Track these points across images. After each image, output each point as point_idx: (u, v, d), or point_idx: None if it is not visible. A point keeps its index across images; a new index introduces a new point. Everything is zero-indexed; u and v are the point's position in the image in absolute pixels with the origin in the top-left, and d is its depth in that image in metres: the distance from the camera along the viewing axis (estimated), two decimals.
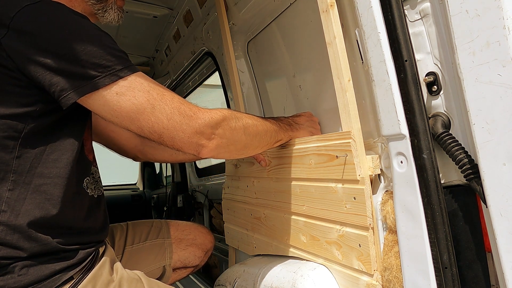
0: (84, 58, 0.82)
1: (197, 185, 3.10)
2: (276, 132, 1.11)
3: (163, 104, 0.87)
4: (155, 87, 0.88)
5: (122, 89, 0.84)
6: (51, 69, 0.81)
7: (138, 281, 1.02)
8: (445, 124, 0.81)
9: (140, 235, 1.42)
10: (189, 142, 0.90)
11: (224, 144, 0.95)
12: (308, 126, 1.23)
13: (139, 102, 0.85)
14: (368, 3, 0.86)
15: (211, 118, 0.92)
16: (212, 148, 0.93)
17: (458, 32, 0.70)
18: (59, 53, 0.81)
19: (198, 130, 0.89)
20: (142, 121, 0.86)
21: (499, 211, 0.68)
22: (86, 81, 0.82)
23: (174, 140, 0.89)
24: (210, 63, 2.41)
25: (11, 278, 0.83)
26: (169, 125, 0.87)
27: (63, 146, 0.91)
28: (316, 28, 1.27)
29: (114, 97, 0.84)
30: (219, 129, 0.93)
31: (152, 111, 0.86)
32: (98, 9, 1.07)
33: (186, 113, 0.89)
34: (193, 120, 0.89)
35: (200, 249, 1.53)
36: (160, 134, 0.88)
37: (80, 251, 0.93)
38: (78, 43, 0.82)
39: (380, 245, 0.95)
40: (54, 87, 0.82)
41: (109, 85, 0.83)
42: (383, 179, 0.99)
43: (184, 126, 0.88)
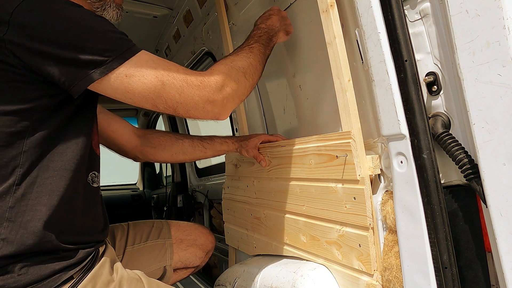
0: (89, 45, 0.83)
1: (197, 185, 3.10)
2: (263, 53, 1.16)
3: (171, 78, 0.89)
4: (161, 63, 0.90)
5: (130, 70, 0.86)
6: (58, 60, 0.81)
7: (138, 281, 1.02)
8: (445, 124, 0.81)
9: (141, 235, 1.42)
10: (204, 111, 0.93)
11: (235, 99, 1.00)
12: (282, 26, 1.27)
13: (148, 81, 0.87)
14: (368, 3, 0.86)
15: (217, 82, 0.94)
16: (227, 109, 0.98)
17: (458, 32, 0.70)
18: (64, 43, 0.81)
19: (209, 99, 0.92)
20: (156, 99, 0.89)
21: (499, 211, 0.68)
22: (96, 67, 0.83)
23: (189, 112, 0.92)
24: (210, 63, 2.41)
25: (11, 278, 0.83)
26: (181, 99, 0.90)
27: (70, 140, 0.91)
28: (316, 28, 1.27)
29: (124, 79, 0.85)
30: (227, 89, 0.96)
31: (162, 87, 0.88)
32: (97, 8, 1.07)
33: (194, 84, 0.91)
34: (202, 89, 0.91)
35: (201, 249, 1.53)
36: (175, 108, 0.91)
37: (80, 251, 0.93)
38: (80, 31, 0.83)
39: (380, 245, 0.95)
40: (65, 77, 0.82)
41: (118, 68, 0.84)
42: (383, 179, 0.99)
43: (196, 98, 0.91)
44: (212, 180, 2.83)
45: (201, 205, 3.01)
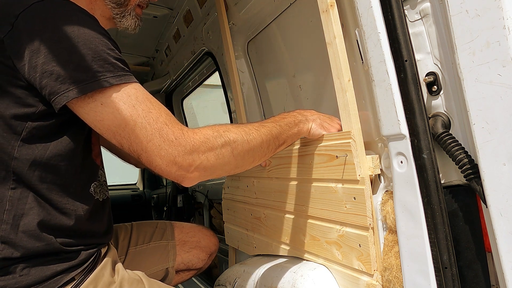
0: (74, 61, 0.78)
1: (197, 185, 3.09)
2: (276, 137, 1.00)
3: (145, 122, 0.81)
4: (144, 102, 0.82)
5: (107, 99, 0.80)
6: (41, 71, 0.78)
7: (139, 282, 1.02)
8: (445, 124, 0.81)
9: (144, 236, 1.42)
10: (167, 171, 0.83)
11: (208, 172, 0.87)
12: (319, 119, 1.09)
13: (121, 116, 0.80)
14: (368, 3, 0.86)
15: (193, 144, 0.83)
16: (194, 178, 0.86)
17: (458, 32, 0.70)
18: (49, 54, 0.78)
19: (175, 159, 0.82)
20: (122, 137, 0.82)
21: (499, 211, 0.68)
22: (72, 86, 0.78)
23: (151, 164, 0.83)
24: (210, 63, 2.41)
25: (13, 279, 0.83)
26: (147, 147, 0.81)
27: (65, 151, 0.88)
28: (316, 28, 1.27)
29: (98, 107, 0.80)
30: (200, 158, 0.84)
31: (133, 128, 0.80)
32: (117, 14, 1.06)
33: (167, 137, 0.82)
34: (173, 146, 0.82)
35: (204, 251, 1.52)
36: (138, 155, 0.83)
37: (82, 252, 0.93)
38: (70, 44, 0.79)
39: (380, 245, 0.95)
40: (44, 90, 0.79)
41: (95, 92, 0.79)
42: (383, 179, 0.99)
43: (162, 152, 0.81)
44: (212, 180, 2.82)
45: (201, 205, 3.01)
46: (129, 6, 1.08)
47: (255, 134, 0.94)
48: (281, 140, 1.02)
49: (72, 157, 0.90)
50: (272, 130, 0.98)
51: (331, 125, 1.09)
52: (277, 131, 1.00)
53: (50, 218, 0.87)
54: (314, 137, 1.08)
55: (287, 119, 1.05)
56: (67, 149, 0.88)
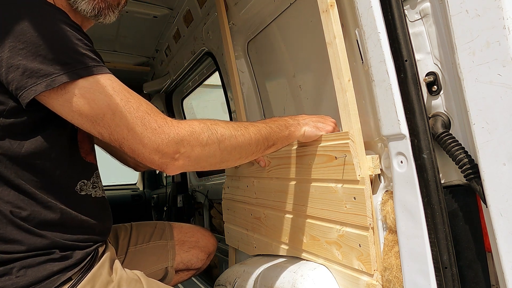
0: (41, 53, 0.75)
1: (197, 185, 3.10)
2: (265, 138, 0.98)
3: (125, 111, 0.79)
4: (121, 92, 0.81)
5: (81, 90, 0.77)
6: (6, 65, 0.75)
7: (137, 282, 1.02)
8: (445, 124, 0.81)
9: (144, 236, 1.42)
10: (150, 158, 0.82)
11: (192, 162, 0.86)
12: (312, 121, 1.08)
13: (98, 106, 0.78)
14: (368, 3, 0.86)
15: (177, 133, 0.82)
16: (178, 166, 0.84)
17: (458, 32, 0.70)
18: (14, 48, 0.74)
19: (159, 147, 0.80)
20: (102, 127, 0.80)
21: (499, 211, 0.68)
22: (42, 79, 0.75)
23: (134, 152, 0.81)
24: (210, 63, 2.41)
25: (9, 280, 0.83)
26: (129, 135, 0.80)
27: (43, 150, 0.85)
28: (316, 28, 1.27)
29: (73, 98, 0.77)
30: (185, 146, 0.83)
31: (112, 117, 0.79)
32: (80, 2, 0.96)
33: (149, 125, 0.80)
34: (156, 134, 0.80)
35: (203, 251, 1.53)
36: (120, 143, 0.81)
37: (78, 251, 0.92)
38: (36, 36, 0.75)
39: (380, 245, 0.95)
40: (11, 86, 0.76)
41: (68, 84, 0.76)
42: (383, 179, 0.99)
43: (145, 140, 0.80)
44: (212, 180, 2.83)
45: (201, 205, 3.01)
46: None
47: (244, 132, 0.93)
48: (271, 141, 1.00)
49: (52, 155, 0.87)
50: (262, 130, 0.97)
51: (325, 123, 1.09)
52: (266, 132, 0.98)
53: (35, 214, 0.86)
54: (310, 139, 1.08)
55: (278, 122, 1.04)
56: (45, 147, 0.85)
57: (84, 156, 1.00)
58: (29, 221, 0.86)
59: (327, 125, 1.09)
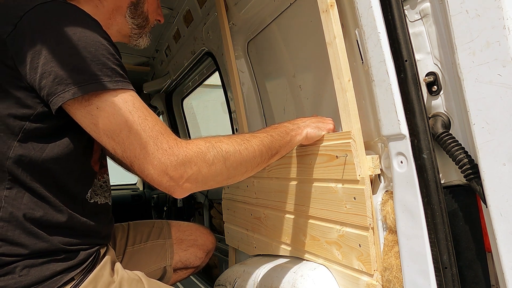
0: (72, 62, 0.79)
1: None
2: (268, 148, 0.98)
3: (141, 129, 0.80)
4: (140, 110, 0.82)
5: (103, 103, 0.79)
6: (40, 72, 0.78)
7: (138, 282, 1.02)
8: (445, 124, 0.81)
9: (142, 235, 1.42)
10: (158, 180, 0.82)
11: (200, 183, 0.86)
12: (312, 123, 1.09)
13: (116, 121, 0.80)
14: (368, 3, 0.86)
15: (186, 155, 0.82)
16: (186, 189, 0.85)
17: (458, 32, 0.70)
18: (49, 55, 0.78)
19: (167, 170, 0.81)
20: (116, 143, 0.81)
21: (499, 211, 0.68)
22: (70, 86, 0.78)
23: (143, 172, 0.82)
24: (210, 63, 2.41)
25: (12, 279, 0.83)
26: (140, 154, 0.80)
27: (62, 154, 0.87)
28: (316, 28, 1.27)
29: (94, 110, 0.80)
30: (192, 168, 0.83)
31: (128, 134, 0.80)
32: (135, 34, 1.11)
33: (162, 146, 0.81)
34: (166, 155, 0.81)
35: (201, 250, 1.53)
36: (131, 162, 0.82)
37: (81, 252, 0.93)
38: (70, 46, 0.79)
39: (380, 245, 0.95)
40: (43, 91, 0.79)
41: (91, 95, 0.79)
42: (383, 179, 0.99)
43: (155, 161, 0.80)
44: None
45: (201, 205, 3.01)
46: (146, 28, 1.15)
47: (247, 145, 0.93)
48: (274, 150, 1.00)
49: (68, 161, 0.89)
50: (264, 141, 0.97)
51: (325, 123, 1.10)
52: (269, 141, 0.99)
53: (47, 217, 0.87)
54: (313, 140, 1.09)
55: (278, 129, 1.04)
56: (64, 153, 0.88)
57: (92, 165, 1.01)
58: (39, 223, 0.86)
59: (327, 124, 1.10)
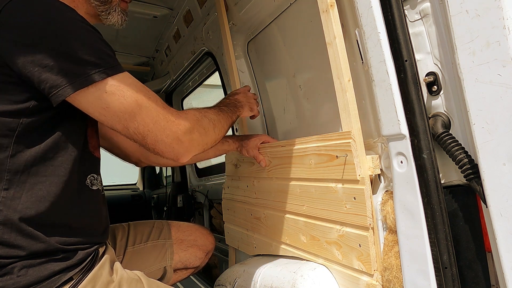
0: (73, 55, 0.80)
1: (197, 185, 3.10)
2: (230, 117, 1.19)
3: (149, 106, 0.88)
4: (142, 88, 0.90)
5: (111, 87, 0.84)
6: (39, 65, 0.78)
7: (138, 282, 1.02)
8: (445, 124, 0.81)
9: (142, 235, 1.42)
10: (171, 148, 0.93)
11: (199, 146, 1.00)
12: (247, 103, 1.35)
13: (127, 102, 0.86)
14: (368, 3, 0.86)
15: (188, 124, 0.95)
16: (190, 153, 0.97)
17: (458, 32, 0.70)
18: (47, 48, 0.78)
19: (178, 137, 0.93)
20: (129, 121, 0.87)
21: (499, 211, 0.68)
22: (76, 78, 0.80)
23: (156, 143, 0.91)
24: (210, 63, 2.41)
25: (10, 279, 0.83)
26: (154, 128, 0.89)
27: (60, 144, 0.89)
28: (316, 28, 1.27)
29: (104, 95, 0.83)
30: (195, 134, 0.97)
31: (139, 112, 0.87)
32: (102, 11, 1.07)
33: (169, 118, 0.92)
34: (175, 125, 0.92)
35: (201, 250, 1.53)
36: (144, 136, 0.90)
37: (79, 252, 0.93)
38: (68, 38, 0.80)
39: (380, 245, 0.95)
40: (44, 84, 0.79)
41: (99, 82, 0.82)
42: (383, 179, 0.99)
43: (167, 131, 0.91)
44: (212, 180, 2.83)
45: (201, 205, 3.01)
46: (113, 2, 1.09)
47: (221, 115, 1.14)
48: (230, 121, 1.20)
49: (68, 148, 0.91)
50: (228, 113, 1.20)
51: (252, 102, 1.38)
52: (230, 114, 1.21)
53: (44, 216, 0.87)
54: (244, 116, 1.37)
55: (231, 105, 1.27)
56: (62, 141, 0.89)
57: (92, 151, 1.02)
58: (36, 224, 0.86)
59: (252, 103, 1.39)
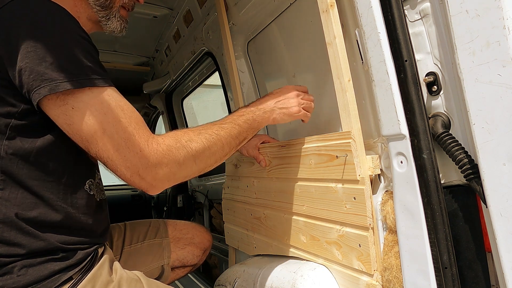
0: (48, 59, 0.77)
1: (197, 185, 3.10)
2: (236, 137, 1.01)
3: (114, 131, 0.81)
4: (115, 110, 0.82)
5: (78, 103, 0.79)
6: (19, 68, 0.77)
7: (137, 281, 1.02)
8: (445, 124, 0.81)
9: (138, 235, 1.42)
10: (132, 181, 0.85)
11: (171, 181, 0.89)
12: (277, 108, 1.11)
13: (91, 123, 0.80)
14: (368, 3, 0.86)
15: (156, 157, 0.84)
16: (158, 188, 0.88)
17: (458, 32, 0.70)
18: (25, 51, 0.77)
19: (139, 172, 0.83)
20: (90, 144, 0.82)
21: (499, 211, 0.68)
22: (45, 82, 0.77)
23: (116, 172, 0.85)
24: (210, 63, 2.41)
25: (10, 279, 0.83)
26: (114, 156, 0.82)
27: (53, 148, 0.87)
28: (316, 28, 1.27)
29: (69, 110, 0.79)
30: (163, 168, 0.85)
31: (101, 136, 0.81)
32: (102, 16, 1.06)
33: (134, 148, 0.82)
34: (138, 158, 0.83)
35: (198, 248, 1.53)
36: (105, 162, 0.84)
37: (79, 251, 0.93)
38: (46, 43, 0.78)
39: (380, 245, 0.95)
40: (24, 88, 0.78)
41: (66, 94, 0.78)
42: (383, 179, 0.99)
43: (127, 163, 0.82)
44: (212, 180, 2.83)
45: (201, 205, 3.01)
46: (113, 8, 1.08)
47: (216, 139, 0.95)
48: (241, 138, 1.04)
49: (61, 154, 0.89)
50: (232, 132, 1.00)
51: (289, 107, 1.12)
52: (237, 132, 1.01)
53: (42, 216, 0.87)
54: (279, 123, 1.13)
55: (245, 116, 1.06)
56: (55, 146, 0.87)
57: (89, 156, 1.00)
58: (35, 223, 0.86)
59: (291, 107, 1.12)
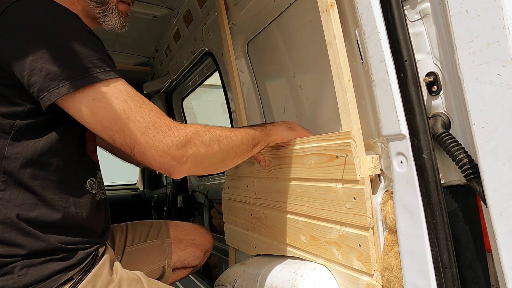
0: (62, 58, 0.78)
1: (197, 185, 3.10)
2: (253, 137, 1.06)
3: (139, 116, 0.82)
4: (134, 97, 0.84)
5: (98, 94, 0.80)
6: (29, 68, 0.78)
7: (138, 281, 1.02)
8: (445, 124, 0.81)
9: (140, 235, 1.42)
10: (160, 162, 0.84)
11: (197, 164, 0.89)
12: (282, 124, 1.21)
13: (114, 110, 0.80)
14: (368, 3, 0.86)
15: (185, 135, 0.86)
16: (184, 170, 0.88)
17: (458, 32, 0.70)
18: (36, 51, 0.77)
19: (169, 150, 0.83)
20: (115, 131, 0.82)
21: (499, 211, 0.68)
22: (62, 82, 0.78)
23: (145, 155, 0.83)
24: (210, 63, 2.41)
25: (11, 279, 0.83)
26: (141, 139, 0.82)
27: (57, 147, 0.88)
28: (316, 28, 1.27)
29: (90, 102, 0.80)
30: (192, 147, 0.87)
31: (126, 122, 0.81)
32: (99, 13, 1.05)
33: (161, 129, 0.83)
34: (167, 136, 0.83)
35: (199, 249, 1.53)
36: (132, 148, 0.83)
37: (79, 252, 0.93)
38: (57, 41, 0.79)
39: (380, 245, 0.95)
40: (33, 88, 0.79)
41: (86, 88, 0.79)
42: (383, 179, 0.99)
43: (157, 143, 0.82)
44: (212, 180, 2.83)
45: (201, 205, 3.01)
46: (110, 3, 1.06)
47: (235, 133, 1.01)
48: (257, 140, 1.09)
49: (64, 153, 0.90)
50: (248, 131, 1.06)
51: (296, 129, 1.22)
52: (252, 132, 1.08)
53: (43, 216, 0.87)
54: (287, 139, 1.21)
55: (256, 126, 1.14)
56: (58, 146, 0.88)
57: (90, 155, 1.01)
58: (35, 224, 0.86)
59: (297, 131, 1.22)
